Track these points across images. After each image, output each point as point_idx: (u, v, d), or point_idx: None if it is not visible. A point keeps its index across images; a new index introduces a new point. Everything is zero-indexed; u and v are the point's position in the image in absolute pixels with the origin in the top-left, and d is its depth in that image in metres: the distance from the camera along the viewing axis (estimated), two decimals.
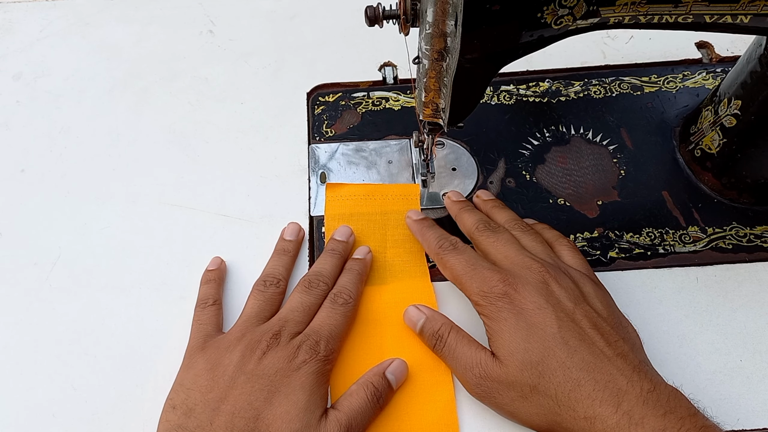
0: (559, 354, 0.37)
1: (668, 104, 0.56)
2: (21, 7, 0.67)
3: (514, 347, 0.38)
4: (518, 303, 0.39)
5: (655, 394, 0.35)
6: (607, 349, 0.37)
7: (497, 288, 0.40)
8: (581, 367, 0.36)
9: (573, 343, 0.37)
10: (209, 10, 0.66)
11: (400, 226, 0.49)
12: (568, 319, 0.38)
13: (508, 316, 0.39)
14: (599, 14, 0.37)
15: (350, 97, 0.58)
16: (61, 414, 0.42)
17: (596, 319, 0.39)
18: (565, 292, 0.40)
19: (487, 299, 0.40)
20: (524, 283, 0.40)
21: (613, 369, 0.36)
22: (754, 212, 0.49)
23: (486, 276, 0.41)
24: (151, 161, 0.55)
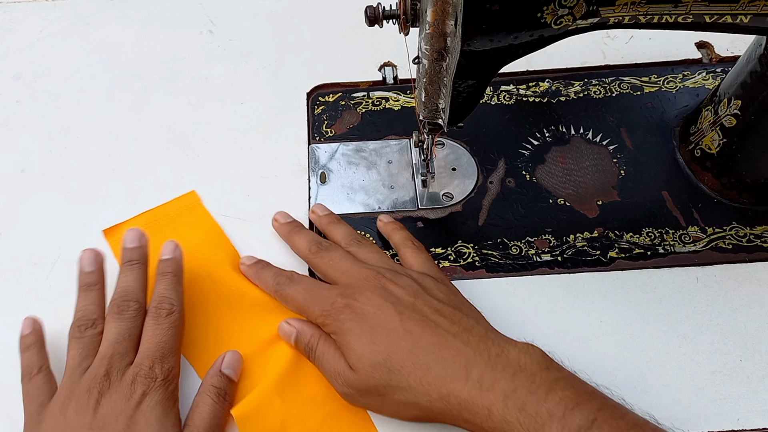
0: (404, 345, 0.37)
1: (668, 104, 0.56)
2: (21, 7, 0.67)
3: (360, 352, 0.38)
4: (359, 310, 0.39)
5: (503, 357, 0.36)
6: (451, 327, 0.38)
7: (337, 303, 0.40)
8: (427, 351, 0.36)
9: (416, 331, 0.37)
10: (209, 10, 0.66)
11: (201, 241, 0.49)
12: (408, 311, 0.39)
13: (351, 326, 0.39)
14: (599, 14, 0.37)
15: (350, 97, 0.58)
16: None
17: (437, 305, 0.39)
18: (404, 290, 0.40)
19: (330, 317, 0.40)
20: (362, 290, 0.40)
21: (459, 343, 0.37)
22: (754, 212, 0.49)
23: (325, 296, 0.41)
24: (151, 161, 0.55)
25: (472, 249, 0.49)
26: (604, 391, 0.36)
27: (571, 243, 0.49)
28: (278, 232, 0.49)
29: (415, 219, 0.51)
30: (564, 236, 0.49)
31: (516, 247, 0.49)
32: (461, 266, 0.48)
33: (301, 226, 0.48)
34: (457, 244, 0.49)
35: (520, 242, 0.49)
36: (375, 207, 0.51)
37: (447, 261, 0.48)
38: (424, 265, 0.45)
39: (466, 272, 0.48)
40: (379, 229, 0.49)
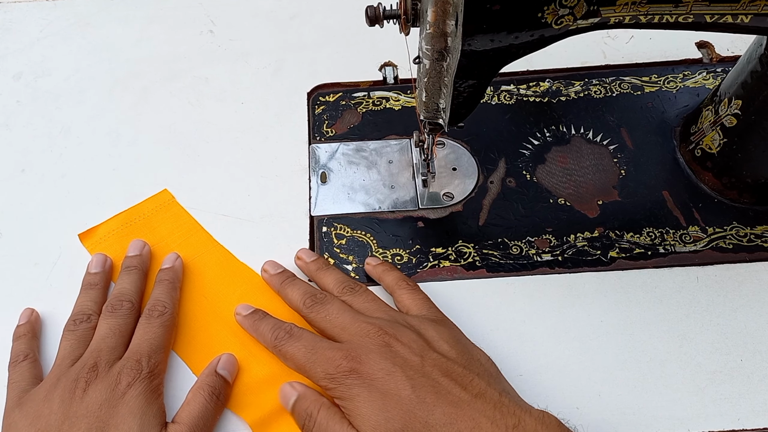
0: (420, 415, 0.35)
1: (668, 104, 0.56)
2: (21, 7, 0.67)
3: (375, 422, 0.36)
4: (366, 375, 0.37)
5: (520, 429, 0.34)
6: (464, 394, 0.36)
7: (342, 366, 0.38)
8: (444, 422, 0.35)
9: (430, 400, 0.36)
10: (209, 10, 0.66)
11: (182, 239, 0.49)
12: (418, 375, 0.37)
13: (360, 392, 0.37)
14: (599, 14, 0.37)
15: (351, 97, 0.58)
16: None
17: (446, 364, 0.38)
18: (409, 348, 0.38)
19: (335, 381, 0.38)
20: (367, 352, 0.38)
21: (474, 413, 0.35)
22: (754, 212, 0.49)
23: (328, 357, 0.39)
24: (151, 161, 0.55)
25: (472, 249, 0.49)
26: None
27: (571, 243, 0.49)
28: (269, 283, 0.46)
29: (416, 219, 0.51)
30: (564, 236, 0.49)
31: (516, 246, 0.49)
32: (462, 266, 0.48)
33: (293, 277, 0.46)
34: (457, 244, 0.49)
35: (520, 242, 0.49)
36: (375, 207, 0.51)
37: (447, 261, 0.48)
38: (422, 306, 0.43)
39: (466, 272, 0.48)
40: (368, 272, 0.47)
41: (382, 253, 0.49)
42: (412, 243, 0.49)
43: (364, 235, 0.50)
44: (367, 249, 0.49)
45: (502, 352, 0.44)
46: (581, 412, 0.42)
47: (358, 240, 0.50)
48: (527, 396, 0.42)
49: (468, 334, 0.45)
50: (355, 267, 0.48)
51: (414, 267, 0.48)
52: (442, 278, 0.48)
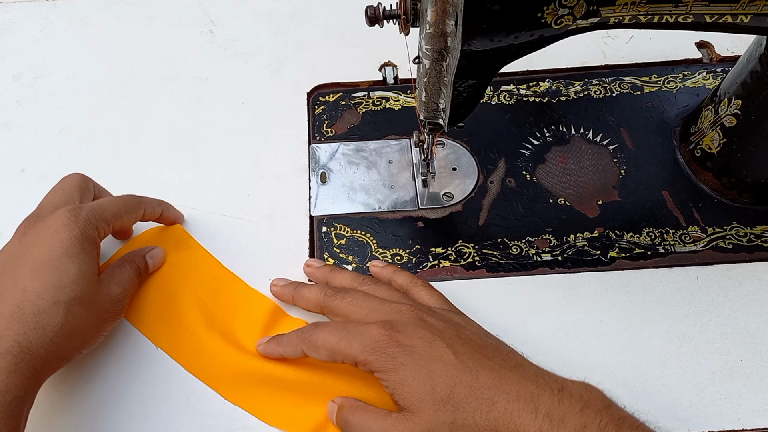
0: (465, 379, 0.35)
1: (668, 104, 0.56)
2: (21, 7, 0.67)
3: (422, 390, 0.35)
4: (407, 343, 0.36)
5: (566, 392, 0.35)
6: (504, 362, 0.36)
7: (381, 336, 0.37)
8: (489, 385, 0.35)
9: (472, 364, 0.36)
10: (209, 10, 0.66)
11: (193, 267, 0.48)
12: (458, 344, 0.37)
13: (404, 360, 0.36)
14: (599, 14, 0.37)
15: (350, 97, 0.58)
16: (61, 414, 0.42)
17: (479, 339, 0.38)
18: (442, 323, 0.38)
19: (375, 353, 0.36)
20: (404, 323, 0.38)
21: (518, 377, 0.35)
22: (754, 212, 0.49)
23: (363, 331, 0.37)
24: (151, 161, 0.55)
25: (472, 249, 0.49)
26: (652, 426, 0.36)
27: (571, 243, 0.49)
28: (281, 296, 0.46)
29: (416, 219, 0.51)
30: (564, 236, 0.49)
31: (516, 246, 0.49)
32: (461, 266, 0.48)
33: (303, 283, 0.46)
34: (457, 244, 0.49)
35: (520, 242, 0.49)
36: (375, 207, 0.51)
37: (447, 261, 0.48)
38: (441, 302, 0.43)
39: (466, 272, 0.48)
40: (375, 275, 0.46)
41: (381, 253, 0.49)
42: (412, 243, 0.49)
43: (364, 235, 0.50)
44: (367, 249, 0.49)
45: None
46: None
47: (358, 240, 0.50)
48: None
49: None
50: (355, 267, 0.48)
51: (414, 267, 0.48)
52: (442, 278, 0.48)
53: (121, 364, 0.44)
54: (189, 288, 0.46)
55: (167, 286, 0.46)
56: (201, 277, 0.47)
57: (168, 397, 0.43)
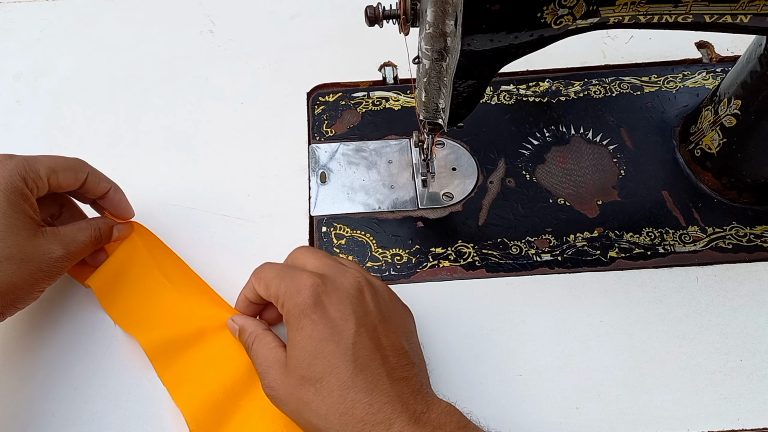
0: (344, 371, 0.35)
1: (668, 104, 0.56)
2: (21, 7, 0.67)
3: (302, 361, 0.36)
4: (322, 309, 0.37)
5: (426, 414, 0.35)
6: (394, 371, 0.36)
7: (306, 287, 0.37)
8: (361, 389, 0.35)
9: (361, 362, 0.36)
10: (209, 10, 0.66)
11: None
12: (367, 335, 0.37)
13: (305, 325, 0.36)
14: (599, 14, 0.37)
15: (350, 97, 0.58)
16: (61, 414, 0.42)
17: (395, 339, 0.38)
18: (375, 305, 0.38)
19: (292, 300, 0.37)
20: (338, 286, 0.38)
21: (392, 392, 0.35)
22: (754, 212, 0.49)
23: (297, 275, 0.38)
24: (151, 161, 0.55)
25: (472, 249, 0.49)
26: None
27: (571, 243, 0.49)
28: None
29: (415, 219, 0.51)
30: (564, 236, 0.49)
31: (516, 246, 0.49)
32: (461, 266, 0.48)
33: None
34: (457, 244, 0.49)
35: (520, 242, 0.49)
36: (375, 207, 0.51)
37: (447, 261, 0.48)
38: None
39: (466, 272, 0.48)
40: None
41: (381, 253, 0.49)
42: (412, 243, 0.49)
43: (364, 235, 0.50)
44: (367, 249, 0.49)
45: (502, 352, 0.44)
46: (581, 412, 0.42)
47: (357, 240, 0.50)
48: (527, 396, 0.42)
49: (468, 334, 0.45)
50: None
51: (414, 267, 0.48)
52: (442, 278, 0.48)
53: (122, 366, 0.44)
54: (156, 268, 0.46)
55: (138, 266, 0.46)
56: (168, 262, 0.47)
57: (167, 397, 0.42)
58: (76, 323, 0.46)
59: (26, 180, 0.40)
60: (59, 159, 0.43)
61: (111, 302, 0.45)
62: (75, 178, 0.43)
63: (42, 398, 0.43)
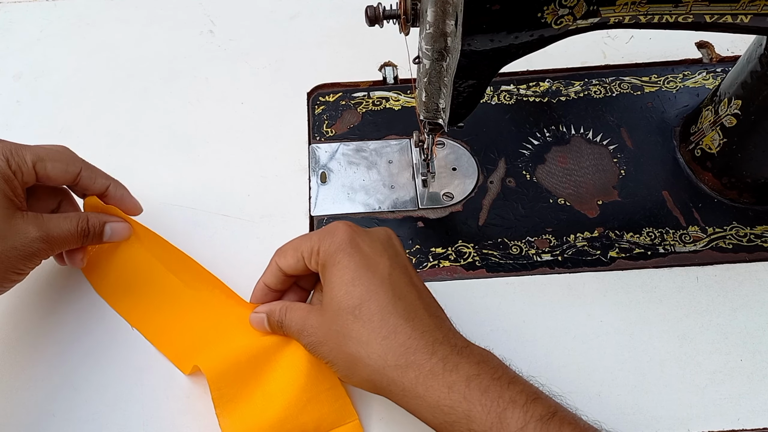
0: (382, 296, 0.35)
1: (668, 104, 0.56)
2: (21, 7, 0.67)
3: (335, 292, 0.36)
4: (357, 245, 0.37)
5: (468, 349, 0.35)
6: (430, 307, 0.37)
7: (340, 234, 0.38)
8: (401, 314, 0.35)
9: (399, 288, 0.36)
10: (209, 10, 0.66)
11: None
12: (400, 270, 0.37)
13: (341, 259, 0.37)
14: (599, 14, 0.37)
15: (350, 97, 0.58)
16: (61, 414, 0.42)
17: (422, 286, 0.39)
18: (404, 252, 0.40)
19: (330, 246, 0.38)
20: (369, 233, 0.39)
21: (431, 323, 0.36)
22: (754, 212, 0.49)
23: (328, 228, 0.39)
24: (151, 161, 0.55)
25: (472, 249, 0.49)
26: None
27: (571, 243, 0.49)
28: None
29: (416, 219, 0.51)
30: (564, 236, 0.49)
31: (516, 246, 0.49)
32: (461, 266, 0.48)
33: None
34: (457, 244, 0.49)
35: (520, 242, 0.49)
36: (375, 207, 0.51)
37: (447, 261, 0.48)
38: None
39: (466, 272, 0.48)
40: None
41: None
42: (412, 243, 0.49)
43: None
44: None
45: (502, 352, 0.44)
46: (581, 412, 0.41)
47: None
48: None
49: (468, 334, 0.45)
50: None
51: (414, 267, 0.48)
52: (442, 278, 0.48)
53: (121, 367, 0.44)
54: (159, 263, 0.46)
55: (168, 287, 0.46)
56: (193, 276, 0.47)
57: (167, 398, 0.43)
58: (76, 323, 0.46)
59: (9, 162, 0.40)
60: (49, 148, 0.43)
61: (117, 300, 0.46)
62: (65, 171, 0.43)
63: (42, 398, 0.43)
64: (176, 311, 0.45)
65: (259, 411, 0.40)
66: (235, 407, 0.40)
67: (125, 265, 0.46)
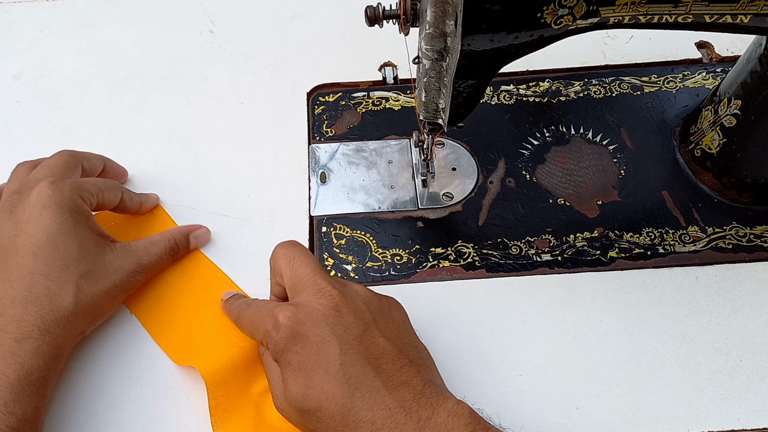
0: (339, 394, 0.35)
1: (668, 104, 0.56)
2: (21, 7, 0.67)
3: (294, 394, 0.36)
4: (301, 337, 0.36)
5: (431, 421, 0.34)
6: (391, 379, 0.35)
7: (281, 327, 0.37)
8: (360, 408, 0.34)
9: (354, 380, 0.35)
10: (209, 10, 0.66)
11: None
12: (353, 349, 0.36)
13: (291, 359, 0.36)
14: (599, 14, 0.37)
15: (350, 97, 0.58)
16: (62, 414, 0.42)
17: (384, 344, 0.37)
18: (355, 318, 0.37)
19: (271, 341, 0.37)
20: (310, 313, 0.37)
21: (393, 403, 0.35)
22: (754, 212, 0.49)
23: (270, 313, 0.38)
24: (151, 161, 0.55)
25: (472, 249, 0.49)
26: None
27: (571, 243, 0.49)
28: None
29: (415, 219, 0.51)
30: (564, 236, 0.49)
31: (516, 246, 0.49)
32: (461, 266, 0.48)
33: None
34: (457, 244, 0.49)
35: (520, 242, 0.49)
36: (375, 207, 0.51)
37: (447, 261, 0.48)
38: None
39: (466, 272, 0.48)
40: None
41: (381, 253, 0.49)
42: (412, 243, 0.49)
43: (364, 235, 0.50)
44: (367, 249, 0.49)
45: (502, 352, 0.44)
46: (581, 412, 0.42)
47: (357, 240, 0.50)
48: (526, 396, 0.42)
49: (468, 334, 0.45)
50: (355, 267, 0.48)
51: (414, 267, 0.48)
52: (442, 278, 0.48)
53: (122, 367, 0.44)
54: (191, 289, 0.46)
55: (173, 285, 0.46)
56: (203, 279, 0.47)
57: (169, 397, 0.43)
58: None
59: (83, 198, 0.42)
60: (99, 180, 0.45)
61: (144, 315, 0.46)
62: (116, 196, 0.45)
63: None
64: (178, 302, 0.45)
65: (252, 424, 0.40)
66: (229, 417, 0.41)
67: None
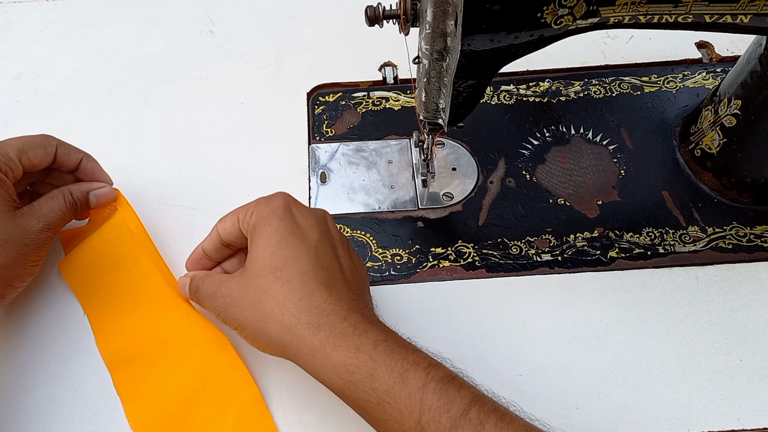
0: (305, 263, 0.36)
1: (668, 104, 0.56)
2: (21, 7, 0.67)
3: (262, 253, 0.37)
4: (290, 213, 0.38)
5: (379, 323, 0.37)
6: (351, 285, 0.38)
7: (278, 200, 0.39)
8: (320, 281, 0.36)
9: (323, 261, 0.37)
10: (209, 10, 0.66)
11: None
12: (328, 244, 0.38)
13: (273, 221, 0.38)
14: (599, 14, 0.37)
15: (350, 97, 0.58)
16: (61, 414, 0.42)
17: (351, 266, 0.39)
18: (337, 234, 0.40)
19: (265, 208, 0.39)
20: (306, 207, 0.40)
21: (349, 295, 0.37)
22: (754, 212, 0.49)
23: (267, 197, 0.40)
24: (150, 161, 0.55)
25: (472, 249, 0.49)
26: None
27: (571, 243, 0.49)
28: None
29: (416, 219, 0.51)
30: (564, 236, 0.49)
31: (516, 246, 0.49)
32: (461, 266, 0.48)
33: None
34: (457, 244, 0.49)
35: (520, 242, 0.49)
36: (375, 207, 0.51)
37: (447, 261, 0.48)
38: None
39: (466, 272, 0.48)
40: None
41: (381, 253, 0.49)
42: (412, 243, 0.49)
43: (364, 235, 0.50)
44: (367, 249, 0.49)
45: (502, 352, 0.44)
46: (581, 412, 0.42)
47: (357, 240, 0.50)
48: (527, 396, 0.42)
49: (468, 334, 0.45)
50: None
51: (414, 267, 0.48)
52: (442, 278, 0.48)
53: None
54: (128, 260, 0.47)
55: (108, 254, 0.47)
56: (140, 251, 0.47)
57: None
58: (76, 324, 0.46)
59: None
60: (26, 138, 0.44)
61: (82, 289, 0.46)
62: (45, 153, 0.44)
63: (42, 398, 0.43)
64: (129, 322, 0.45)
65: (158, 390, 0.42)
66: (136, 391, 0.42)
67: (95, 254, 0.47)
